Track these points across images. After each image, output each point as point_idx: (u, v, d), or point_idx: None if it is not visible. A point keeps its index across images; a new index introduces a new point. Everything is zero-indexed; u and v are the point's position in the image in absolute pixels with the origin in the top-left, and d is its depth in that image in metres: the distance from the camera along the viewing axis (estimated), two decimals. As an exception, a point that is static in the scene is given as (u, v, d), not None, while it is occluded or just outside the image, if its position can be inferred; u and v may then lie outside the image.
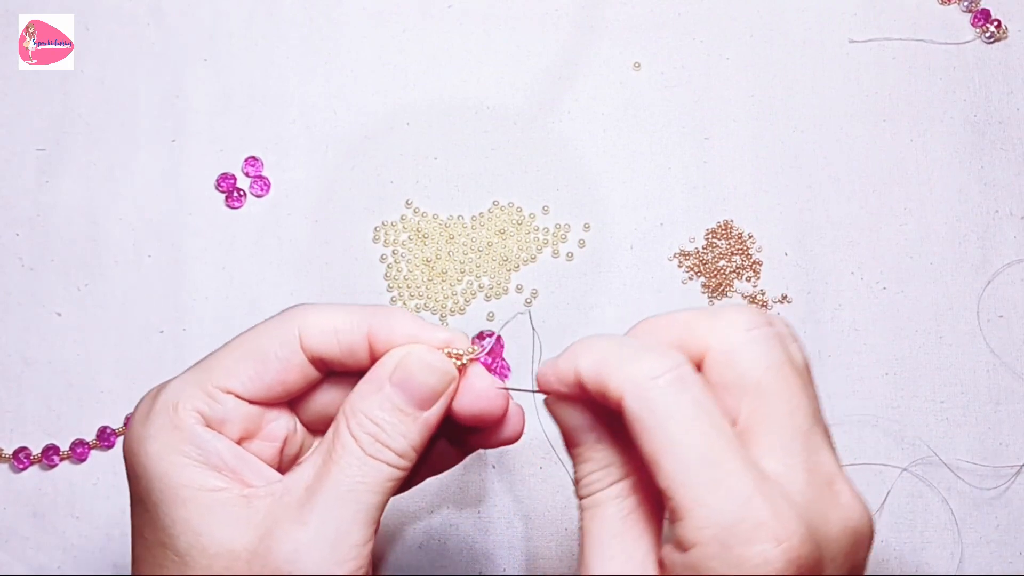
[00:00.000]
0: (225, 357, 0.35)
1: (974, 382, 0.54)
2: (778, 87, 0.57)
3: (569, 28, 0.58)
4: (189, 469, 0.33)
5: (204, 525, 0.32)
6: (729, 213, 0.56)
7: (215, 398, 0.34)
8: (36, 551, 0.52)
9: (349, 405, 0.34)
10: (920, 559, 0.52)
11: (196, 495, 0.32)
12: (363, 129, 0.57)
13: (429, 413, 0.34)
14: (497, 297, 0.55)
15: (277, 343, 0.34)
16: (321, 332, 0.34)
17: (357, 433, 0.33)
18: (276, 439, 0.36)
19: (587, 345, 0.32)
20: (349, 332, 0.35)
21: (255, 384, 0.34)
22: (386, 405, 0.34)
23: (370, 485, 0.33)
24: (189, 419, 0.33)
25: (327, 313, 0.35)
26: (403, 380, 0.34)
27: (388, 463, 0.33)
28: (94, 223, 0.56)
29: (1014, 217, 0.56)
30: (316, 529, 0.32)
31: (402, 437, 0.34)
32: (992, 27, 0.57)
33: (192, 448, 0.33)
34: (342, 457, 0.33)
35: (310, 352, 0.35)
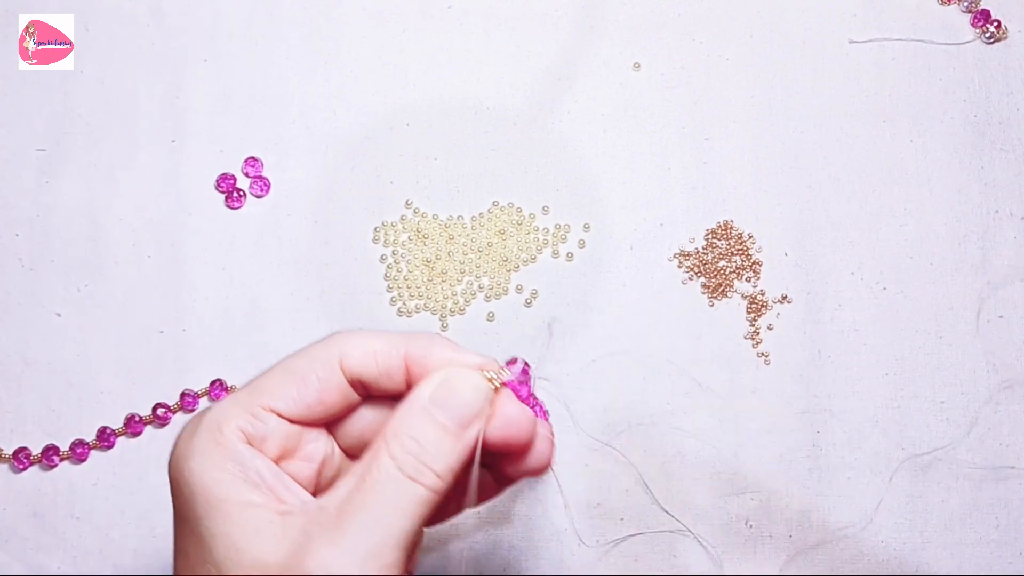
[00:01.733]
0: (270, 378, 0.36)
1: (974, 382, 0.54)
2: (778, 87, 0.57)
3: (569, 28, 0.58)
4: (228, 484, 0.34)
5: (243, 540, 0.33)
6: (729, 213, 0.56)
7: (258, 416, 0.35)
8: (36, 551, 0.52)
9: (390, 427, 0.35)
10: (920, 559, 0.53)
11: (234, 509, 0.33)
12: (363, 129, 0.57)
13: (468, 433, 0.35)
14: (497, 297, 0.55)
15: (319, 364, 0.36)
16: (361, 354, 0.36)
17: (397, 454, 0.34)
18: (314, 460, 0.37)
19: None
20: (387, 355, 0.36)
21: (296, 404, 0.36)
22: (429, 423, 0.34)
23: (405, 510, 0.33)
24: (231, 437, 0.35)
25: (367, 337, 0.37)
26: (446, 399, 0.35)
27: (426, 485, 0.34)
28: (94, 223, 0.56)
29: (1014, 217, 0.56)
30: (347, 549, 0.32)
31: (444, 457, 0.34)
32: (992, 27, 0.57)
33: (233, 464, 0.34)
34: (378, 480, 0.34)
35: (350, 373, 0.36)
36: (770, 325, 0.55)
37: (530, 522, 0.53)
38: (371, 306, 0.55)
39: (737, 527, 0.53)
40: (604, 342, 0.55)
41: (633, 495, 0.53)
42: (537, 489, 0.53)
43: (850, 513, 0.53)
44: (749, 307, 0.55)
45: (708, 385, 0.54)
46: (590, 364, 0.54)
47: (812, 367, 0.54)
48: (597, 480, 0.53)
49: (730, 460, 0.53)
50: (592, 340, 0.55)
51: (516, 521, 0.53)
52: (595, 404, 0.54)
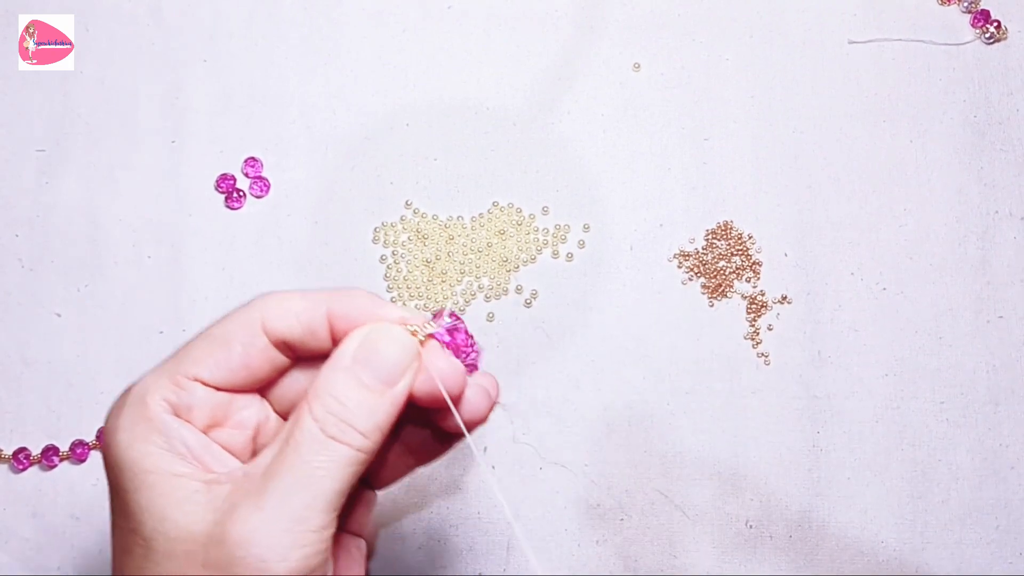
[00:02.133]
0: (192, 347, 0.35)
1: (974, 382, 0.54)
2: (778, 87, 0.57)
3: (569, 28, 0.58)
4: (155, 456, 0.33)
5: (167, 510, 0.32)
6: (729, 213, 0.56)
7: (182, 386, 0.34)
8: (36, 551, 0.52)
9: (312, 388, 0.34)
10: (920, 559, 0.53)
11: (160, 481, 0.33)
12: (363, 129, 0.57)
13: (395, 390, 0.34)
14: (497, 298, 0.55)
15: (240, 328, 0.35)
16: (282, 315, 0.35)
17: (319, 414, 0.33)
18: (247, 427, 0.36)
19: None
20: (309, 313, 0.35)
21: (221, 370, 0.35)
22: (351, 383, 0.33)
23: (329, 470, 0.33)
24: (157, 408, 0.34)
25: (288, 297, 0.36)
26: (367, 356, 0.34)
27: (350, 444, 0.33)
28: (94, 223, 0.56)
29: (1014, 217, 0.56)
30: (271, 514, 0.32)
31: (368, 415, 0.33)
32: (992, 28, 0.57)
33: (159, 436, 0.34)
34: (301, 442, 0.33)
35: (272, 335, 0.35)
36: (770, 325, 0.55)
37: (530, 522, 0.53)
38: (371, 306, 0.55)
39: (737, 527, 0.53)
40: (604, 342, 0.55)
41: (633, 495, 0.53)
42: (537, 490, 0.53)
43: (850, 513, 0.53)
44: (749, 307, 0.55)
45: (708, 385, 0.54)
46: (590, 364, 0.54)
47: (812, 367, 0.54)
48: (597, 480, 0.53)
49: (730, 460, 0.53)
50: (592, 340, 0.55)
51: (516, 522, 0.53)
52: (595, 404, 0.54)
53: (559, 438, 0.54)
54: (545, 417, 0.54)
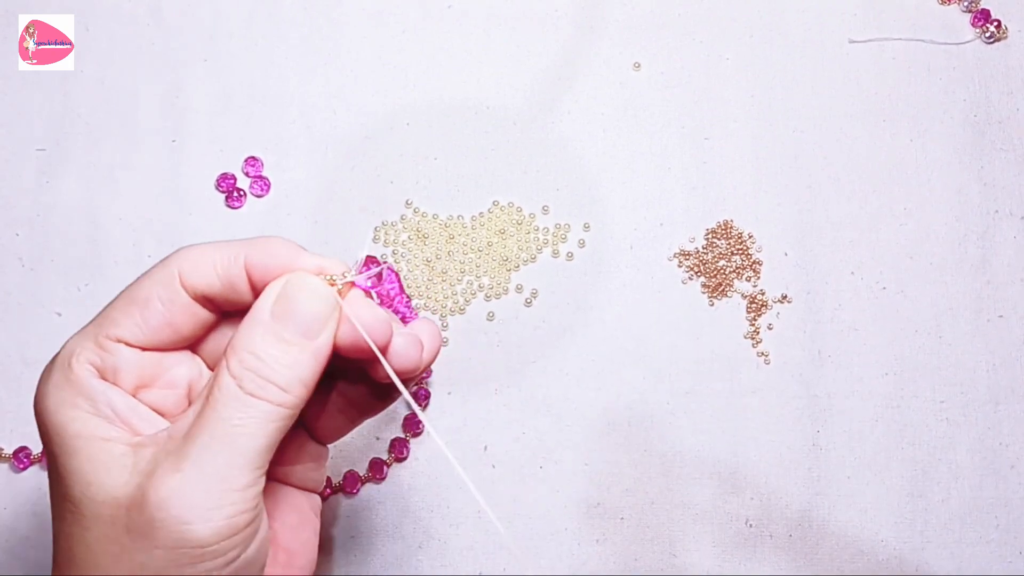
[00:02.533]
0: (114, 307, 0.35)
1: (974, 382, 0.54)
2: (778, 87, 0.57)
3: (569, 28, 0.58)
4: (81, 421, 0.33)
5: (93, 474, 0.32)
6: (729, 213, 0.56)
7: (106, 348, 0.34)
8: (36, 551, 0.52)
9: (230, 346, 0.33)
10: (920, 559, 0.53)
11: (87, 444, 0.32)
12: (363, 129, 0.57)
13: (316, 343, 0.33)
14: (497, 297, 0.55)
15: (158, 285, 0.34)
16: (198, 268, 0.34)
17: (237, 371, 0.32)
18: (178, 386, 0.36)
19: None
20: (226, 265, 0.34)
21: (143, 330, 0.34)
22: (268, 337, 0.33)
23: (250, 428, 0.32)
24: (82, 372, 0.33)
25: (204, 250, 0.34)
26: (285, 309, 0.33)
27: (271, 400, 0.32)
28: (94, 223, 0.56)
29: (1014, 217, 0.56)
30: (189, 474, 0.31)
31: (287, 369, 0.32)
32: (992, 27, 0.57)
33: (84, 400, 0.33)
34: (218, 400, 0.32)
35: (192, 290, 0.34)
36: (770, 325, 0.55)
37: (530, 522, 0.53)
38: (371, 306, 0.55)
39: (737, 527, 0.53)
40: (604, 342, 0.55)
41: (633, 495, 0.53)
42: (537, 489, 0.53)
43: (850, 513, 0.53)
44: (749, 307, 0.55)
45: (708, 385, 0.54)
46: (590, 364, 0.54)
47: (812, 367, 0.54)
48: (597, 480, 0.53)
49: (730, 460, 0.53)
50: (592, 340, 0.55)
51: (516, 521, 0.53)
52: (595, 404, 0.54)
53: (559, 437, 0.54)
54: (545, 416, 0.54)
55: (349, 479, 0.53)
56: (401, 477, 0.53)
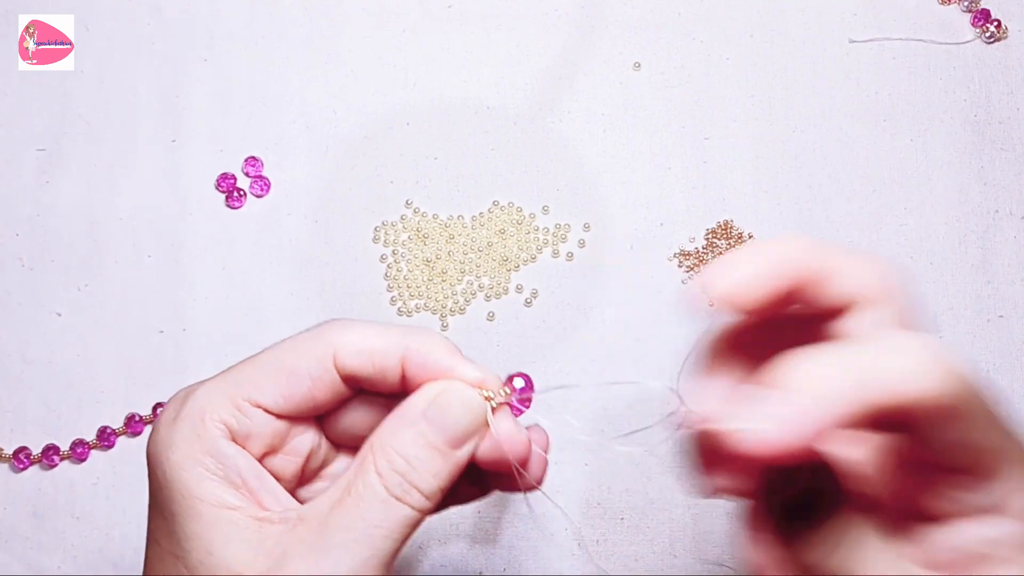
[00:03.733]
0: (257, 369, 0.34)
1: (974, 382, 0.54)
2: (778, 87, 0.57)
3: (569, 28, 0.58)
4: (208, 483, 0.32)
5: (216, 544, 0.31)
6: (729, 213, 0.56)
7: (243, 411, 0.33)
8: (36, 551, 0.52)
9: (378, 440, 0.33)
10: (920, 559, 0.52)
11: (211, 511, 0.32)
12: (363, 129, 0.57)
13: (460, 452, 0.33)
14: (497, 297, 0.55)
15: (311, 360, 0.34)
16: (356, 352, 0.34)
17: (384, 470, 0.32)
18: (299, 454, 0.35)
19: (818, 379, 0.27)
20: (384, 354, 0.34)
21: (286, 400, 0.34)
22: (420, 441, 0.32)
23: (389, 530, 0.32)
24: (214, 431, 0.33)
25: (363, 332, 0.34)
26: (439, 416, 0.33)
27: (412, 506, 0.32)
28: (94, 223, 0.56)
29: (1014, 217, 0.56)
30: (326, 569, 0.31)
31: (432, 477, 0.32)
32: (992, 27, 0.57)
33: (213, 462, 0.32)
34: (364, 497, 0.32)
35: (343, 371, 0.34)
36: (770, 325, 0.55)
37: (530, 522, 0.53)
38: (371, 306, 0.55)
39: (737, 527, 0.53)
40: (604, 342, 0.55)
41: (633, 495, 0.53)
42: (537, 489, 0.53)
43: (850, 513, 0.53)
44: (749, 307, 0.55)
45: (708, 385, 0.54)
46: (590, 364, 0.54)
47: (812, 367, 0.54)
48: (597, 480, 0.53)
49: (730, 460, 0.53)
50: (592, 340, 0.55)
51: (516, 521, 0.53)
52: (595, 404, 0.54)
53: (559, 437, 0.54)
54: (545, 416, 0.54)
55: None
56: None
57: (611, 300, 0.55)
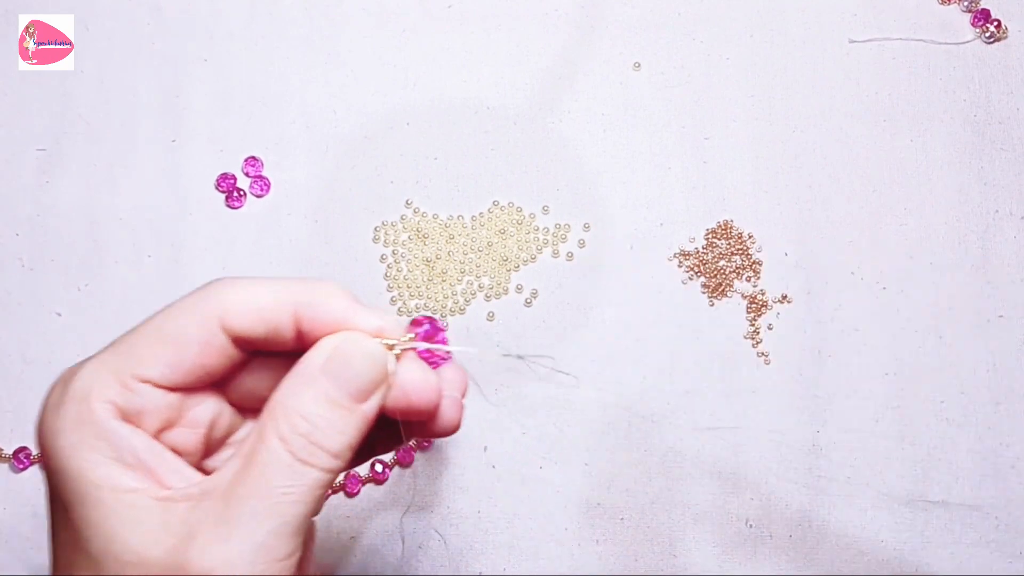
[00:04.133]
0: (140, 342, 0.32)
1: (974, 382, 0.54)
2: (778, 87, 0.57)
3: (569, 28, 0.58)
4: (102, 468, 0.30)
5: (117, 530, 0.29)
6: (729, 213, 0.56)
7: (130, 388, 0.31)
8: (36, 551, 0.52)
9: (278, 403, 0.31)
10: (920, 559, 0.53)
11: (109, 496, 0.30)
12: (363, 129, 0.57)
13: (367, 406, 0.31)
14: (497, 297, 0.55)
15: (195, 325, 0.31)
16: (244, 311, 0.31)
17: (286, 434, 0.30)
18: (200, 425, 0.33)
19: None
20: (274, 311, 0.32)
21: (174, 371, 0.31)
22: (320, 399, 0.31)
23: (298, 495, 0.30)
24: (102, 412, 0.31)
25: (250, 290, 0.32)
26: (338, 370, 0.31)
27: (321, 467, 0.30)
28: (94, 223, 0.56)
29: (1014, 217, 0.56)
30: (235, 545, 0.29)
31: (339, 435, 0.31)
32: (992, 27, 0.57)
33: (105, 445, 0.30)
34: (268, 465, 0.30)
35: (232, 333, 0.32)
36: (770, 325, 0.55)
37: (530, 522, 0.53)
38: (371, 306, 0.55)
39: (737, 527, 0.53)
40: (604, 342, 0.55)
41: (633, 495, 0.53)
42: (537, 489, 0.53)
43: (850, 513, 0.53)
44: (749, 307, 0.55)
45: (708, 385, 0.54)
46: (590, 364, 0.54)
47: (812, 367, 0.54)
48: (597, 480, 0.53)
49: (730, 460, 0.53)
50: (592, 340, 0.55)
51: (516, 521, 0.53)
52: (595, 404, 0.54)
53: (559, 437, 0.54)
54: (545, 416, 0.54)
55: (350, 480, 0.53)
56: (402, 478, 0.53)
57: (611, 300, 0.55)
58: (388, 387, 0.32)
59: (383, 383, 0.32)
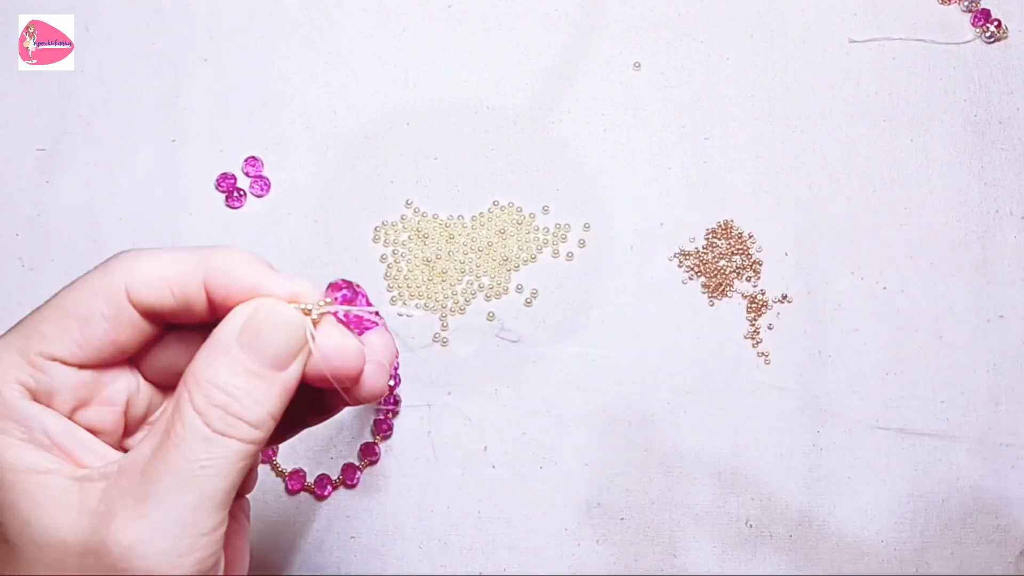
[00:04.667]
0: (46, 320, 0.31)
1: (974, 382, 0.54)
2: (778, 87, 0.57)
3: (569, 28, 0.58)
4: (14, 450, 0.29)
5: (32, 512, 0.29)
6: (729, 213, 0.56)
7: (39, 367, 0.30)
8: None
9: (191, 375, 0.30)
10: (920, 559, 0.53)
11: (23, 479, 0.29)
12: (363, 129, 0.57)
13: (286, 374, 0.30)
14: (497, 297, 0.55)
15: (102, 299, 0.30)
16: (150, 282, 0.30)
17: (202, 407, 0.29)
18: (116, 403, 0.32)
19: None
20: (182, 282, 0.31)
21: (83, 348, 0.31)
22: (236, 369, 0.30)
23: (217, 468, 0.29)
24: (11, 393, 0.30)
25: (156, 260, 0.31)
26: (253, 339, 0.30)
27: (240, 438, 0.29)
28: (94, 223, 0.56)
29: (1014, 217, 0.56)
30: (155, 521, 0.28)
31: (258, 405, 0.30)
32: (992, 27, 0.57)
33: (15, 426, 0.30)
34: (184, 438, 0.29)
35: (140, 306, 0.31)
36: (770, 325, 0.55)
37: (530, 522, 0.53)
38: (371, 306, 0.55)
39: (737, 527, 0.53)
40: (604, 342, 0.55)
41: (633, 495, 0.53)
42: (537, 489, 0.53)
43: (850, 513, 0.53)
44: (749, 307, 0.55)
45: (708, 385, 0.54)
46: (590, 364, 0.54)
47: (812, 367, 0.54)
48: (597, 480, 0.53)
49: (730, 460, 0.53)
50: (592, 340, 0.55)
51: (516, 521, 0.53)
52: (595, 404, 0.54)
53: (559, 437, 0.54)
54: (545, 416, 0.54)
55: (347, 470, 0.53)
56: (402, 478, 0.53)
57: (611, 300, 0.55)
58: (308, 354, 0.31)
59: (301, 350, 0.31)
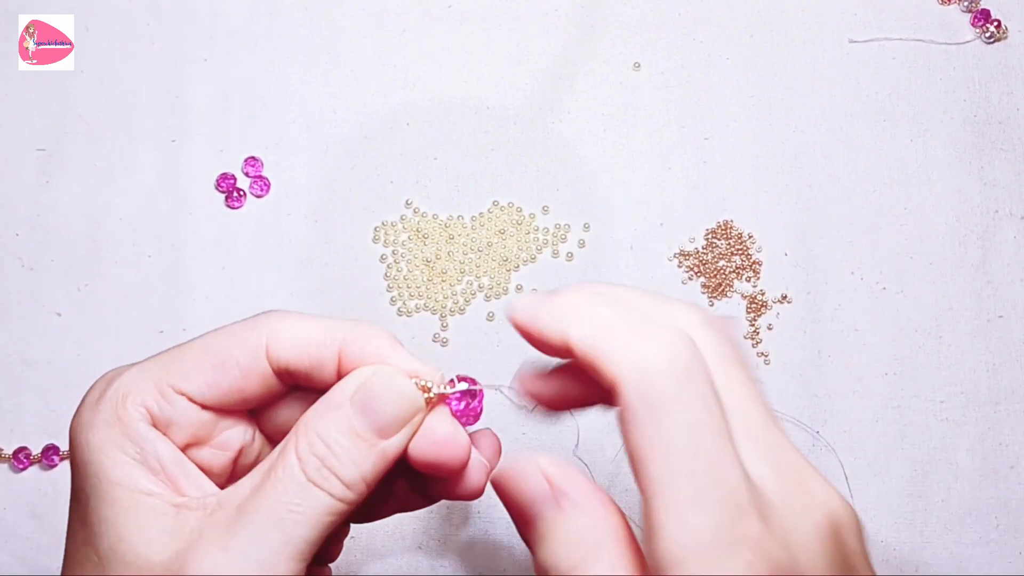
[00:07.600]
0: (184, 355, 0.32)
1: (974, 382, 0.54)
2: (778, 87, 0.57)
3: (569, 28, 0.58)
4: (124, 467, 0.31)
5: (127, 530, 0.30)
6: (729, 213, 0.56)
7: (166, 397, 0.32)
8: (36, 551, 0.52)
9: (302, 423, 0.31)
10: (920, 559, 0.53)
11: (126, 496, 0.30)
12: (363, 129, 0.57)
13: (388, 444, 0.31)
14: (497, 297, 0.55)
15: (242, 349, 0.32)
16: (292, 343, 0.32)
17: (304, 454, 0.30)
18: (229, 449, 0.34)
19: (580, 308, 0.30)
20: (321, 346, 0.32)
21: (211, 389, 0.32)
22: (342, 426, 0.31)
23: (305, 516, 0.30)
24: (135, 414, 0.31)
25: (300, 324, 0.32)
26: (365, 401, 0.31)
27: (331, 493, 0.30)
28: (94, 223, 0.56)
29: (1014, 217, 0.56)
30: (235, 556, 0.29)
31: (353, 465, 0.31)
32: (992, 27, 0.57)
33: (132, 445, 0.31)
34: (281, 479, 0.30)
35: (276, 363, 0.32)
36: (770, 325, 0.55)
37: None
38: (371, 306, 0.55)
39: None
40: (604, 342, 0.54)
41: (633, 495, 0.53)
42: (537, 489, 0.53)
43: (850, 513, 0.53)
44: (749, 307, 0.55)
45: (708, 385, 0.54)
46: (590, 364, 0.54)
47: (812, 367, 0.54)
48: (597, 479, 0.53)
49: (730, 460, 0.53)
50: (592, 340, 0.55)
51: (516, 521, 0.53)
52: (595, 404, 0.54)
53: (559, 437, 0.54)
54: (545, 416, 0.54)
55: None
56: (401, 477, 0.53)
57: (611, 300, 0.55)
58: (413, 429, 0.32)
59: (408, 423, 0.32)
